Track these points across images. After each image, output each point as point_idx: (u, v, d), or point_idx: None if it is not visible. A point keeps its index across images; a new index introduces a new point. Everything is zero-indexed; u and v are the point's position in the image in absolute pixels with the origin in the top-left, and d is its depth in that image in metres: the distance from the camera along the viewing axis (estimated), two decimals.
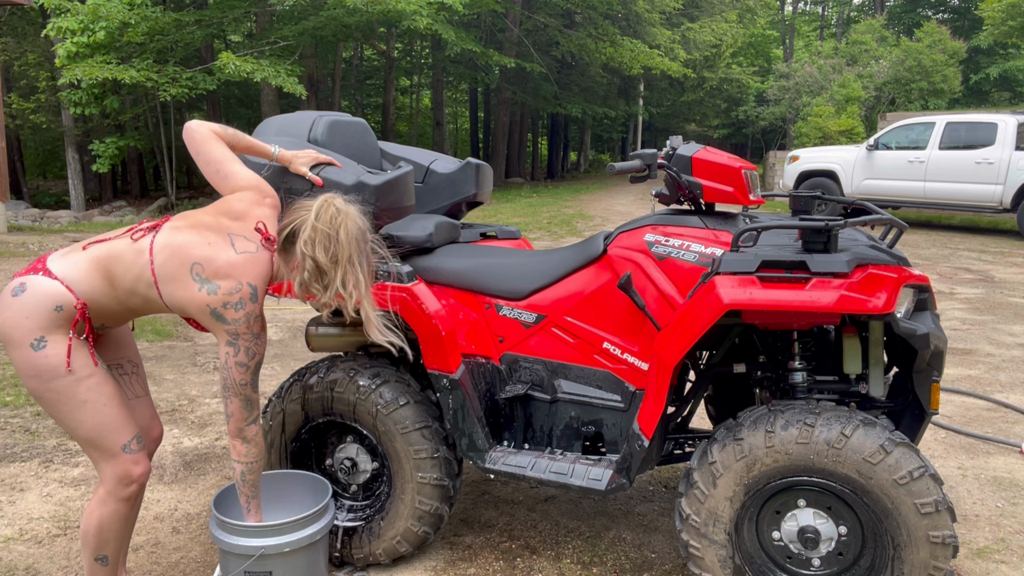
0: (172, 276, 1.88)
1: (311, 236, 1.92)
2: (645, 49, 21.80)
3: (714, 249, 2.29)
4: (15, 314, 1.84)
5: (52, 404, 1.90)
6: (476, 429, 2.37)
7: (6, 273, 8.17)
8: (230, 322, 1.89)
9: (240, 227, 1.95)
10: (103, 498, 2.00)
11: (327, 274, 1.94)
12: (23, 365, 1.86)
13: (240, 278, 1.89)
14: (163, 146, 17.67)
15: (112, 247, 1.92)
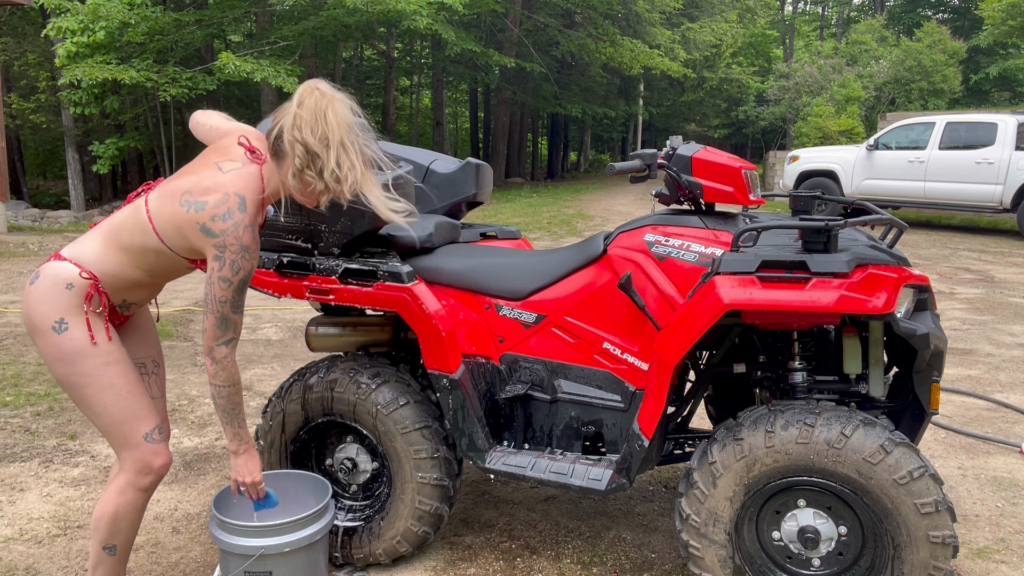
0: (165, 214, 1.88)
1: (296, 121, 1.83)
2: (645, 49, 21.80)
3: (714, 249, 2.29)
4: (33, 301, 1.88)
5: (79, 389, 1.90)
6: (476, 429, 2.37)
7: (6, 273, 8.18)
8: (218, 233, 1.83)
9: (225, 156, 1.94)
10: (122, 487, 2.00)
11: (319, 157, 1.83)
12: (50, 351, 1.87)
13: (226, 190, 1.86)
14: (163, 146, 17.68)
15: (115, 217, 1.97)
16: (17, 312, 6.34)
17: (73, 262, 1.90)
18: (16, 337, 5.52)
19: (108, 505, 2.00)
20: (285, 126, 1.85)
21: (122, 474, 2.01)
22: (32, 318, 1.88)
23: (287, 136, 1.84)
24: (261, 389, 4.46)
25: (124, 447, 1.98)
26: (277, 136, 1.87)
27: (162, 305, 6.68)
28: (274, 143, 1.88)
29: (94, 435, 3.71)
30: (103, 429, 1.97)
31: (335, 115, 1.85)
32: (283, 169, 1.90)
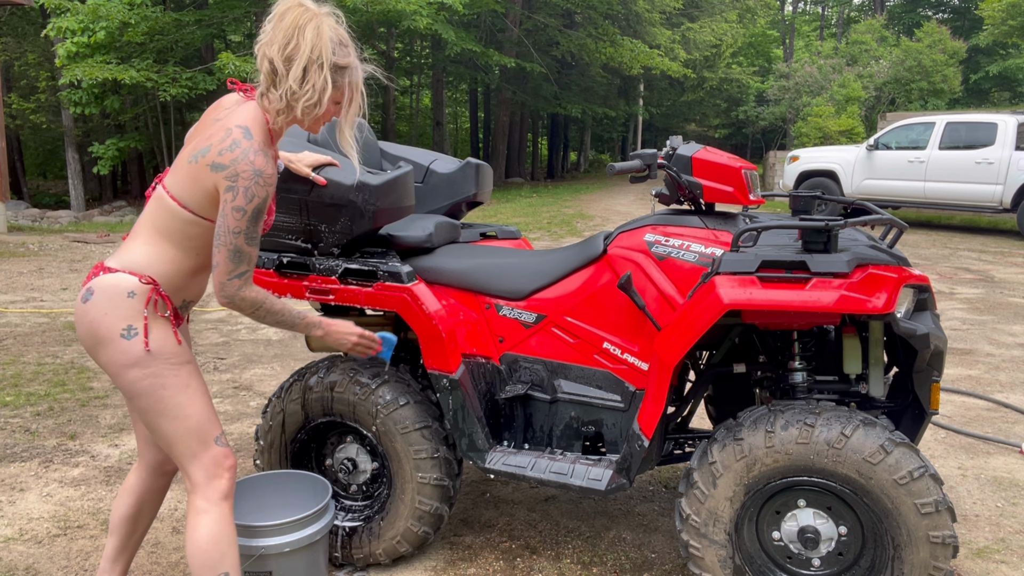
0: (181, 183, 1.82)
1: (271, 37, 1.73)
2: (645, 49, 21.81)
3: (714, 249, 2.29)
4: (95, 315, 1.81)
5: (155, 391, 1.83)
6: (476, 429, 2.37)
7: (6, 273, 8.18)
8: (228, 164, 1.74)
9: (216, 110, 1.90)
10: (201, 508, 1.88)
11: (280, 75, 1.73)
12: (118, 359, 1.81)
13: (224, 128, 1.78)
14: (163, 146, 17.68)
15: (143, 217, 1.91)
16: (17, 312, 6.34)
17: (127, 271, 1.84)
18: (16, 337, 5.52)
19: (198, 534, 1.87)
20: (260, 43, 1.76)
21: (195, 494, 1.89)
22: (96, 331, 1.81)
23: (257, 53, 1.76)
24: (261, 389, 4.46)
25: (195, 455, 1.88)
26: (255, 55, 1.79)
27: None
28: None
29: (94, 435, 3.72)
30: (175, 435, 1.86)
31: (313, 32, 1.73)
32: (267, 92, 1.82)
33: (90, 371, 4.73)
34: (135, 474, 2.14)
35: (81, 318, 1.84)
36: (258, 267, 2.49)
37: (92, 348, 1.85)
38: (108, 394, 4.31)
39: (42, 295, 7.10)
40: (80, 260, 9.27)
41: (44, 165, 27.05)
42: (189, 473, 1.90)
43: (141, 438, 2.11)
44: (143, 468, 2.12)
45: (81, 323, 1.85)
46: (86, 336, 1.84)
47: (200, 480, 1.89)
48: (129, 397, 1.86)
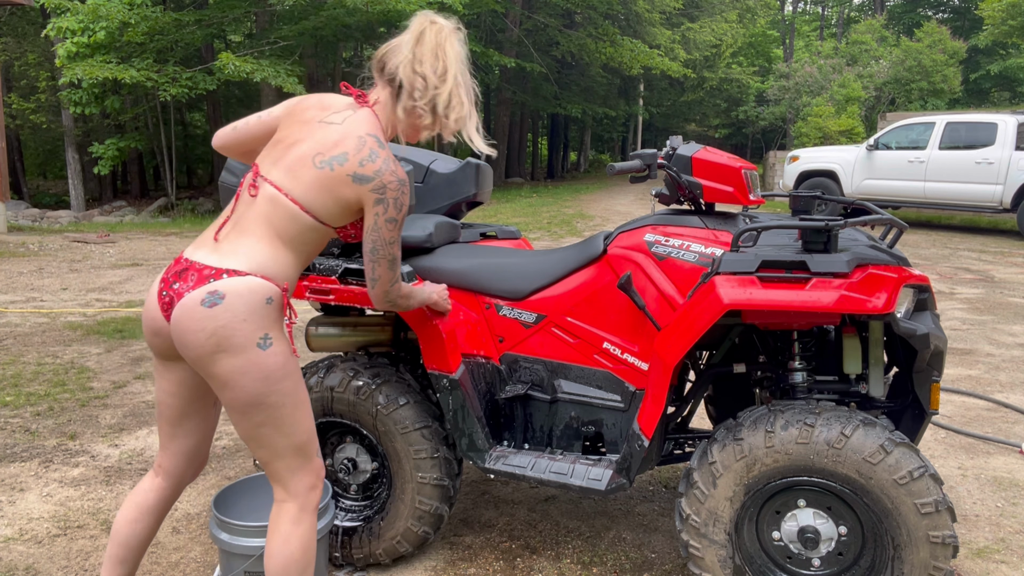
0: (305, 185, 1.78)
1: (417, 55, 1.82)
2: (645, 49, 21.82)
3: (714, 249, 2.29)
4: (229, 320, 1.69)
5: (277, 408, 1.76)
6: (476, 429, 2.37)
7: (6, 273, 8.18)
8: (373, 176, 1.77)
9: (321, 111, 1.86)
10: (297, 516, 1.84)
11: (435, 90, 1.83)
12: (251, 369, 1.72)
13: (355, 135, 1.79)
14: (163, 146, 17.68)
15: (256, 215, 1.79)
16: (17, 312, 6.35)
17: (260, 275, 1.74)
18: (16, 337, 5.52)
19: (292, 544, 1.83)
20: (403, 60, 1.82)
21: (288, 502, 1.85)
22: (230, 337, 1.69)
23: (405, 70, 1.82)
24: None
25: (299, 468, 1.84)
26: (393, 70, 1.85)
27: None
28: (390, 78, 1.86)
29: (94, 435, 3.72)
30: (285, 448, 1.81)
31: (452, 48, 1.85)
32: (397, 104, 1.87)
33: (90, 371, 4.73)
34: (154, 491, 1.99)
35: (205, 323, 1.69)
36: None
37: (212, 355, 1.71)
38: (108, 394, 4.31)
39: (42, 295, 7.10)
40: (80, 260, 9.28)
41: (44, 165, 27.05)
42: (289, 484, 1.84)
43: (173, 450, 1.98)
44: (165, 480, 1.99)
45: (203, 328, 1.69)
46: (209, 342, 1.70)
47: (301, 491, 1.85)
48: (246, 409, 1.75)
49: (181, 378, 1.90)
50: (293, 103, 1.93)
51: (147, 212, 16.96)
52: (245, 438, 1.82)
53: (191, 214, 16.54)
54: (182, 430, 1.97)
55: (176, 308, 1.73)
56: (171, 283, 1.77)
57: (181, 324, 1.72)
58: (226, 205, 2.44)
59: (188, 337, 1.71)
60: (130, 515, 1.97)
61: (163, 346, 1.84)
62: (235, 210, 1.83)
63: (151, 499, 1.99)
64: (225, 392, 1.75)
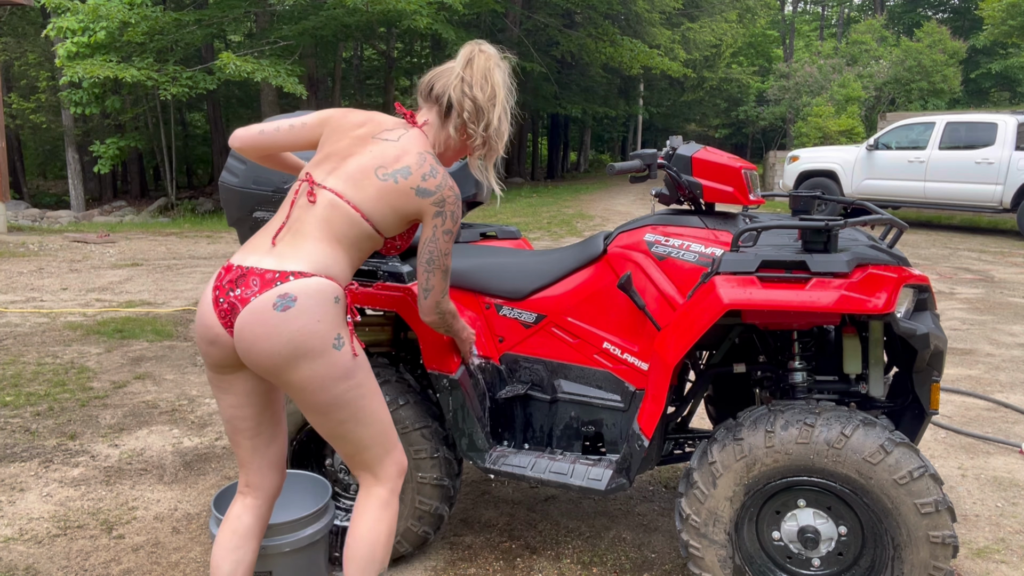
0: (368, 196, 1.82)
1: (467, 79, 1.91)
2: (645, 49, 21.82)
3: (714, 249, 2.29)
4: (305, 323, 1.68)
5: (355, 403, 1.78)
6: (476, 429, 2.37)
7: (7, 273, 8.18)
8: (435, 190, 1.86)
9: (375, 127, 1.92)
10: (386, 501, 1.87)
11: (485, 113, 1.92)
12: (328, 371, 1.72)
13: (415, 152, 1.87)
14: (163, 146, 17.68)
15: (315, 219, 1.80)
16: (17, 312, 6.35)
17: (324, 276, 1.74)
18: (16, 337, 5.52)
19: (379, 528, 1.84)
20: (452, 84, 1.91)
21: (377, 487, 1.87)
22: (307, 340, 1.67)
23: (456, 93, 1.91)
24: None
25: (385, 454, 1.86)
26: (442, 94, 1.93)
27: (162, 305, 6.69)
28: (439, 100, 1.95)
29: (94, 435, 3.72)
30: (371, 438, 1.83)
31: (500, 75, 1.95)
32: (447, 127, 1.96)
33: (90, 371, 4.73)
34: (248, 512, 1.93)
35: (279, 328, 1.66)
36: None
37: (290, 362, 1.68)
38: (108, 394, 4.31)
39: (42, 295, 7.10)
40: (80, 260, 9.28)
41: (44, 165, 27.05)
42: (378, 470, 1.87)
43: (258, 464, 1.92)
44: (257, 498, 1.94)
45: (278, 334, 1.66)
46: (286, 349, 1.67)
47: (391, 475, 1.88)
48: (327, 410, 1.75)
49: (247, 388, 1.85)
50: (333, 117, 1.96)
51: (147, 212, 16.96)
52: (329, 436, 1.82)
53: (191, 214, 16.54)
54: (262, 440, 1.91)
55: (243, 314, 1.69)
56: (228, 290, 1.72)
57: (251, 331, 1.68)
58: (226, 205, 2.45)
59: (261, 344, 1.67)
60: (229, 544, 1.90)
61: (221, 356, 1.78)
62: (290, 215, 1.83)
63: (247, 522, 1.93)
64: (304, 396, 1.73)
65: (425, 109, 1.99)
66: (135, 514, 2.94)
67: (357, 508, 1.88)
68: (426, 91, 1.98)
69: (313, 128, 1.97)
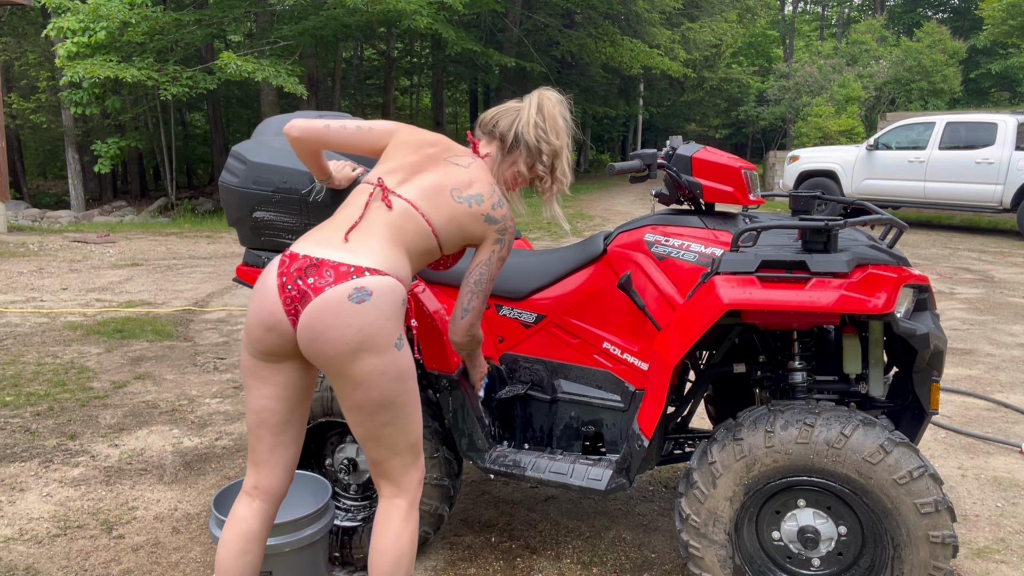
0: (441, 213, 1.92)
1: (540, 123, 2.04)
2: (645, 49, 21.80)
3: (714, 249, 2.29)
4: (376, 318, 1.71)
5: (403, 407, 1.81)
6: (476, 429, 2.37)
7: (7, 273, 8.18)
8: (500, 219, 1.99)
9: (445, 150, 2.02)
10: (408, 512, 1.88)
11: (558, 156, 2.06)
12: (389, 369, 1.75)
13: (485, 181, 1.99)
14: (163, 146, 17.67)
15: (390, 223, 1.85)
16: (17, 312, 6.35)
17: (395, 276, 1.78)
18: (16, 337, 5.52)
19: (404, 538, 1.86)
20: (526, 127, 2.04)
21: (399, 498, 1.88)
22: (375, 336, 1.71)
23: (531, 136, 2.04)
24: None
25: (411, 465, 1.88)
26: (508, 132, 2.07)
27: (162, 305, 6.69)
28: (503, 137, 2.07)
29: (94, 435, 3.72)
30: (404, 446, 1.85)
31: (565, 122, 2.08)
32: (507, 161, 2.09)
33: (90, 371, 4.73)
34: (256, 515, 1.90)
35: (352, 318, 1.70)
36: (258, 267, 2.49)
37: (355, 353, 1.71)
38: (108, 394, 4.31)
39: (42, 295, 7.10)
40: (80, 260, 9.28)
41: (44, 165, 27.04)
42: (402, 480, 1.88)
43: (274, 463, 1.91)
44: (265, 501, 1.92)
45: (349, 324, 1.70)
46: (355, 339, 1.70)
47: (412, 487, 1.90)
48: (376, 409, 1.77)
49: (287, 380, 1.86)
50: (402, 130, 2.04)
51: (147, 212, 16.96)
52: (366, 437, 1.83)
53: (191, 214, 16.54)
54: (285, 439, 1.91)
55: (315, 302, 1.70)
56: (296, 278, 1.74)
57: (322, 319, 1.70)
58: (226, 205, 2.45)
59: (331, 332, 1.70)
60: (236, 549, 1.87)
61: (275, 343, 1.79)
62: (364, 216, 1.86)
63: (255, 525, 1.90)
64: (358, 392, 1.75)
65: (485, 142, 2.11)
66: (135, 514, 2.94)
67: (379, 520, 1.88)
68: (489, 127, 2.10)
69: (380, 136, 2.04)
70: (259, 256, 2.48)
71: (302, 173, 2.29)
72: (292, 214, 2.35)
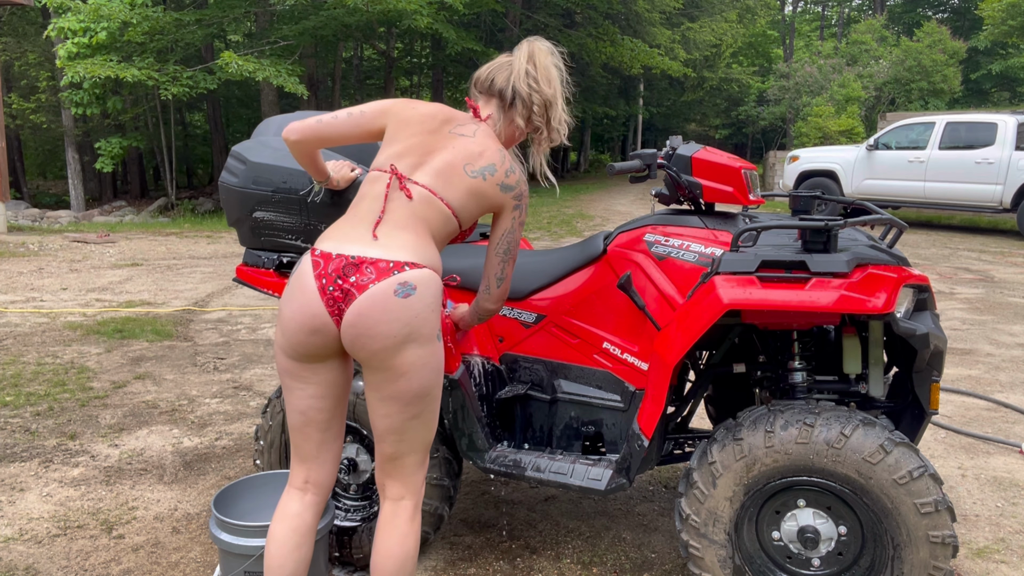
0: (458, 191, 1.90)
1: (531, 74, 1.98)
2: (645, 48, 21.80)
3: (714, 249, 2.29)
4: (422, 310, 1.75)
5: (434, 401, 1.83)
6: (476, 429, 2.37)
7: (6, 273, 8.18)
8: (515, 185, 1.97)
9: (447, 120, 1.97)
10: (413, 514, 1.89)
11: (552, 106, 2.01)
12: (430, 359, 1.78)
13: (494, 148, 1.96)
14: (163, 146, 17.68)
15: (413, 214, 1.85)
16: (17, 312, 6.35)
17: (431, 268, 1.81)
18: (16, 337, 5.52)
19: (410, 540, 1.86)
20: (518, 78, 1.98)
21: (406, 500, 1.88)
22: (423, 326, 1.75)
23: (523, 87, 1.98)
24: (261, 389, 4.46)
25: (421, 465, 1.89)
26: (506, 88, 2.00)
27: (162, 305, 6.69)
28: (501, 93, 2.01)
29: (94, 435, 3.72)
30: (423, 443, 1.86)
31: (557, 70, 2.03)
32: (507, 117, 2.03)
33: (90, 371, 4.73)
34: (308, 509, 1.92)
35: (400, 312, 1.72)
36: (258, 267, 2.49)
37: (403, 343, 1.74)
38: (108, 394, 4.31)
39: (42, 295, 7.10)
40: (80, 260, 9.28)
41: (44, 165, 27.04)
42: (410, 480, 1.88)
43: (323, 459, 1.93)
44: (317, 494, 1.94)
45: (398, 318, 1.72)
46: (403, 331, 1.73)
47: (418, 487, 1.90)
48: (413, 400, 1.79)
49: (330, 379, 1.87)
50: (395, 106, 1.98)
51: (147, 212, 16.96)
52: (391, 430, 1.82)
53: (191, 214, 16.54)
54: (331, 434, 1.93)
55: (361, 300, 1.71)
56: (336, 278, 1.74)
57: (370, 315, 1.72)
58: (226, 205, 2.45)
59: (380, 327, 1.72)
60: (291, 543, 1.88)
61: (320, 345, 1.78)
62: (386, 208, 1.86)
63: (308, 519, 1.92)
64: (399, 382, 1.77)
65: (483, 101, 2.05)
66: (135, 514, 2.94)
67: (384, 522, 1.87)
68: (485, 85, 2.04)
69: (373, 118, 1.98)
70: (259, 256, 2.48)
71: (302, 173, 2.30)
72: (292, 214, 2.35)
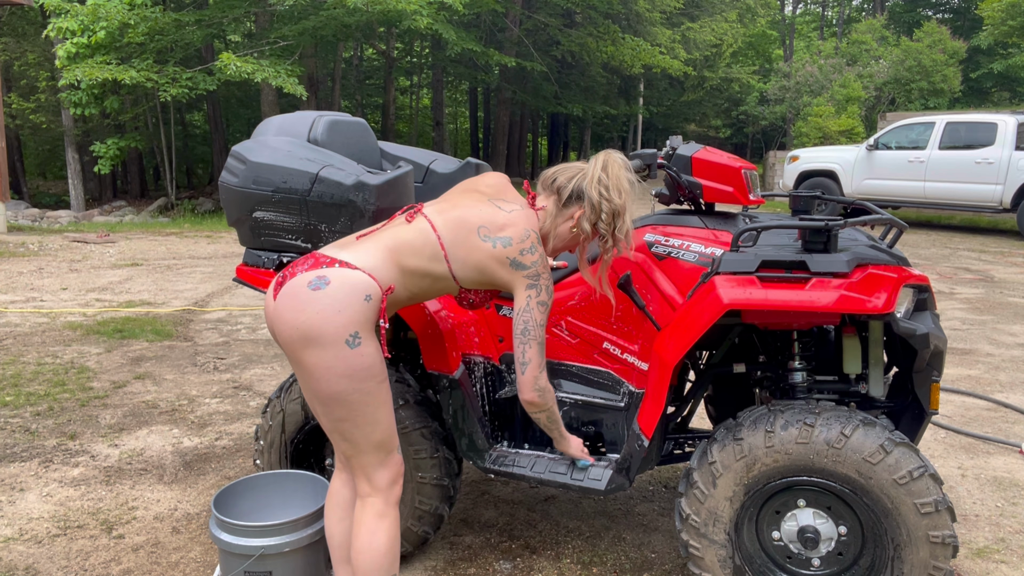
0: (462, 243, 1.91)
1: (603, 182, 2.01)
2: (646, 47, 21.79)
3: (714, 249, 2.29)
4: (324, 308, 1.73)
5: (356, 406, 1.81)
6: (476, 429, 2.37)
7: (6, 273, 8.18)
8: (530, 265, 1.95)
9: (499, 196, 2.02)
10: (382, 510, 1.90)
11: (620, 217, 2.03)
12: (336, 364, 1.75)
13: (523, 227, 1.96)
14: (163, 146, 17.67)
15: (397, 234, 1.90)
16: (17, 312, 6.34)
17: (367, 272, 1.80)
18: (16, 337, 5.52)
19: (378, 537, 1.88)
20: (590, 184, 2.02)
21: (376, 496, 1.91)
22: (322, 327, 1.73)
23: (593, 193, 2.01)
24: (261, 389, 4.46)
25: (381, 464, 1.89)
26: (565, 186, 2.05)
27: (162, 305, 6.69)
28: (559, 191, 2.05)
29: (94, 435, 3.72)
30: (366, 443, 1.86)
31: (630, 184, 2.06)
32: (563, 215, 2.06)
33: (90, 371, 4.73)
34: (347, 486, 2.04)
35: (304, 307, 1.73)
36: (258, 267, 2.49)
37: (303, 343, 1.75)
38: (108, 394, 4.31)
39: (42, 295, 7.10)
40: (80, 260, 9.28)
41: (44, 165, 27.03)
42: (373, 478, 1.90)
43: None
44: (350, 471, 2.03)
45: (302, 309, 1.73)
46: (308, 328, 1.73)
47: (383, 485, 1.91)
48: (327, 402, 1.80)
49: None
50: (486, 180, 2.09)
51: (147, 212, 16.95)
52: (327, 429, 1.89)
53: (191, 214, 16.53)
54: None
55: (284, 287, 1.79)
56: (289, 268, 1.84)
57: (281, 303, 1.78)
58: (226, 205, 2.45)
59: (285, 317, 1.76)
60: (335, 516, 2.05)
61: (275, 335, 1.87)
62: (382, 227, 1.93)
63: (348, 495, 2.04)
64: (308, 382, 1.80)
65: (544, 196, 2.10)
66: (135, 514, 2.94)
67: (356, 518, 1.93)
68: (548, 181, 2.09)
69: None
70: (259, 256, 2.48)
71: (302, 173, 2.29)
72: (292, 214, 2.34)
